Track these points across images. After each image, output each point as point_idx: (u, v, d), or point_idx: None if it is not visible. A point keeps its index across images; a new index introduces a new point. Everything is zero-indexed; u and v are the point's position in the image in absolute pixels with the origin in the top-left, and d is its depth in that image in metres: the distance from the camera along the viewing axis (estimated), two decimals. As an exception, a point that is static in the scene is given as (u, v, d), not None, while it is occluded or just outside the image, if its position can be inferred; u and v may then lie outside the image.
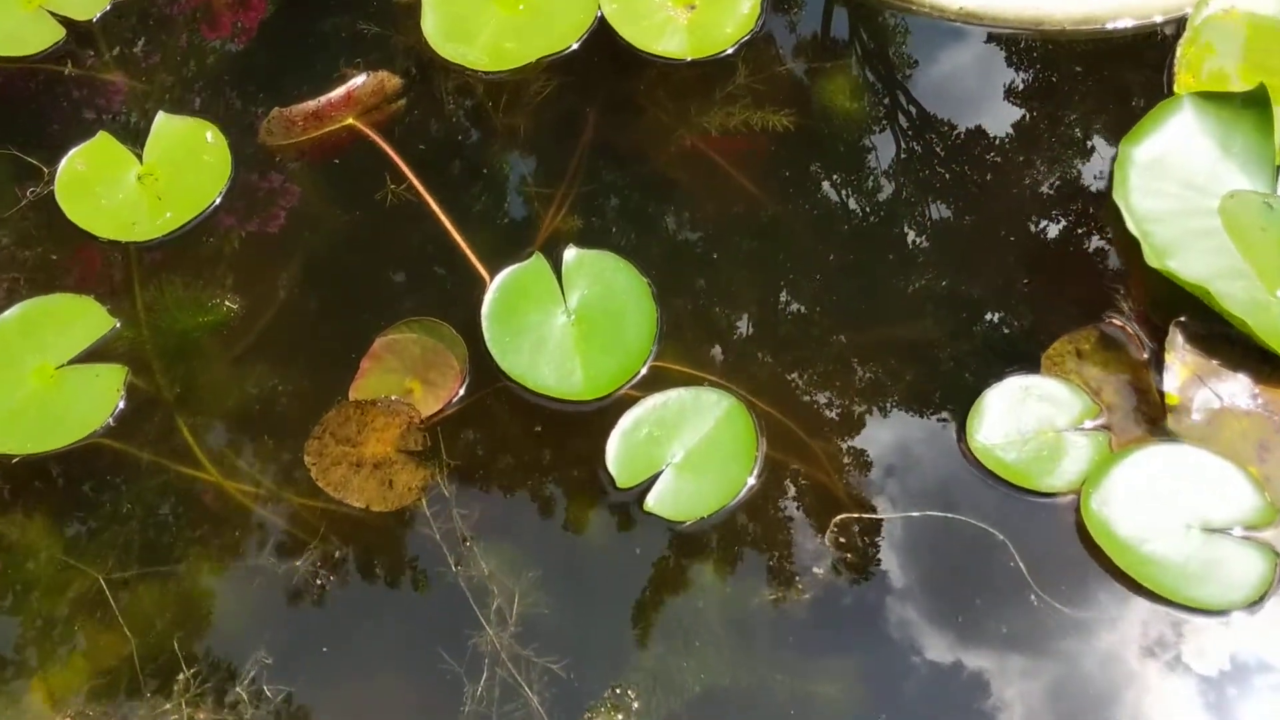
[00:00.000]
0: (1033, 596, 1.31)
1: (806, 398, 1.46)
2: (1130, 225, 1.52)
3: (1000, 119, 1.68)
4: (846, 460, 1.41)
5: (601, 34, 1.74)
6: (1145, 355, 1.45)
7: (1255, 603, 1.29)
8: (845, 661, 1.32)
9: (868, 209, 1.63)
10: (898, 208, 1.62)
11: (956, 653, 1.32)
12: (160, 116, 1.70)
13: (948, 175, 1.64)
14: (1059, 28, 1.73)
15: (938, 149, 1.67)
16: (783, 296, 1.56)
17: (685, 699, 1.27)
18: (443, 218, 1.60)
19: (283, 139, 1.69)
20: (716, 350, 1.50)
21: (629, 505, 1.37)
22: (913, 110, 1.70)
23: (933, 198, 1.63)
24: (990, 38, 1.75)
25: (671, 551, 1.36)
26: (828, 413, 1.45)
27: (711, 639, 1.31)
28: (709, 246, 1.61)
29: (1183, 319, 1.46)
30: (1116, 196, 1.54)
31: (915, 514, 1.37)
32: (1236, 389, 1.43)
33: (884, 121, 1.69)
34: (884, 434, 1.44)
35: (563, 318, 1.49)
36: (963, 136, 1.68)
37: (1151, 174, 1.57)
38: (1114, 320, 1.48)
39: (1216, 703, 1.26)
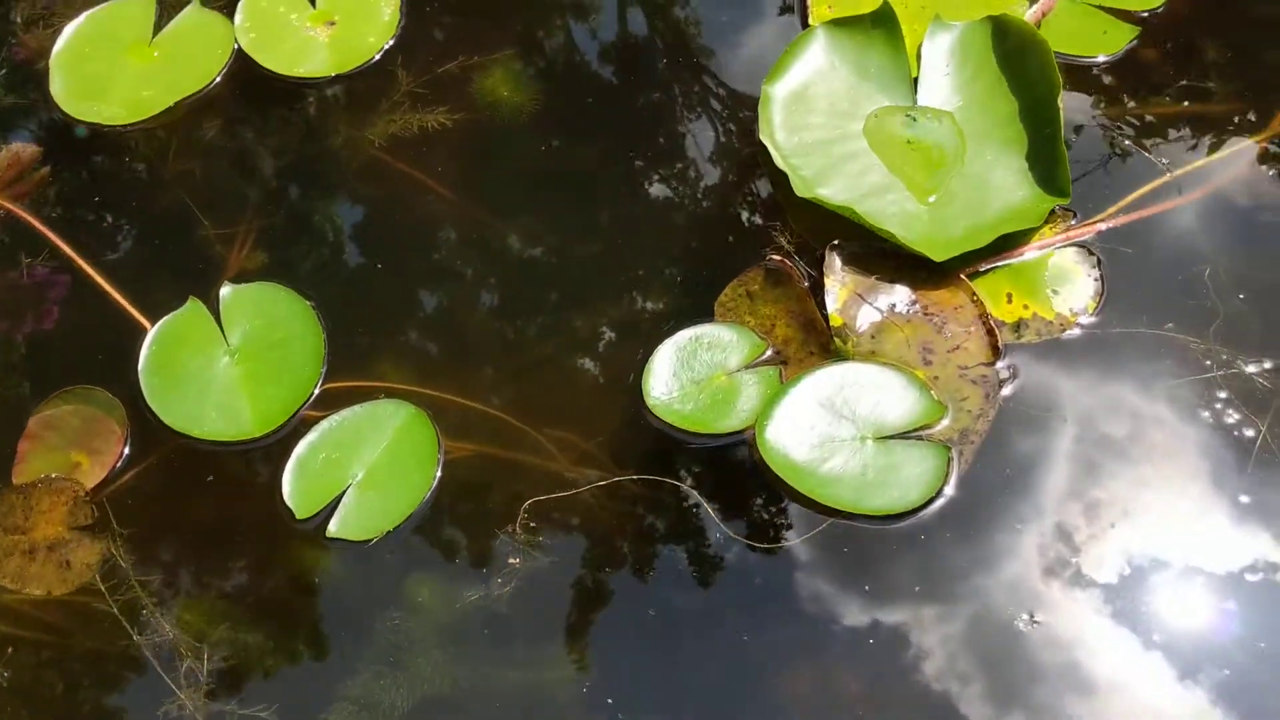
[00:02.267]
0: (719, 536, 1.32)
1: (489, 389, 1.44)
2: (778, 160, 1.55)
3: (652, 82, 1.70)
4: (533, 444, 1.40)
5: (242, 66, 1.70)
6: (806, 284, 1.48)
7: (932, 498, 1.32)
8: (564, 643, 1.31)
9: (541, 192, 1.63)
10: (566, 188, 1.61)
11: (663, 608, 1.31)
12: None
13: (610, 147, 1.65)
14: (693, -17, 1.77)
15: (600, 123, 1.68)
16: (462, 293, 1.55)
17: (398, 715, 1.25)
18: (97, 278, 1.53)
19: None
20: (394, 359, 1.47)
21: (316, 535, 1.34)
22: (571, 90, 1.71)
23: (597, 169, 1.63)
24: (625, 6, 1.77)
25: (363, 573, 1.32)
26: (513, 401, 1.44)
27: (422, 650, 1.28)
28: (391, 255, 1.58)
29: (836, 242, 1.49)
30: (763, 136, 1.57)
31: (601, 482, 1.36)
32: (896, 300, 1.47)
33: (546, 104, 1.69)
34: (569, 412, 1.43)
35: (225, 358, 1.44)
36: (622, 105, 1.69)
37: (795, 108, 1.60)
38: (774, 256, 1.51)
39: (911, 599, 1.29)
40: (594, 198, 1.62)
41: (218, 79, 1.69)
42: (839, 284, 1.48)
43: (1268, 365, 1.38)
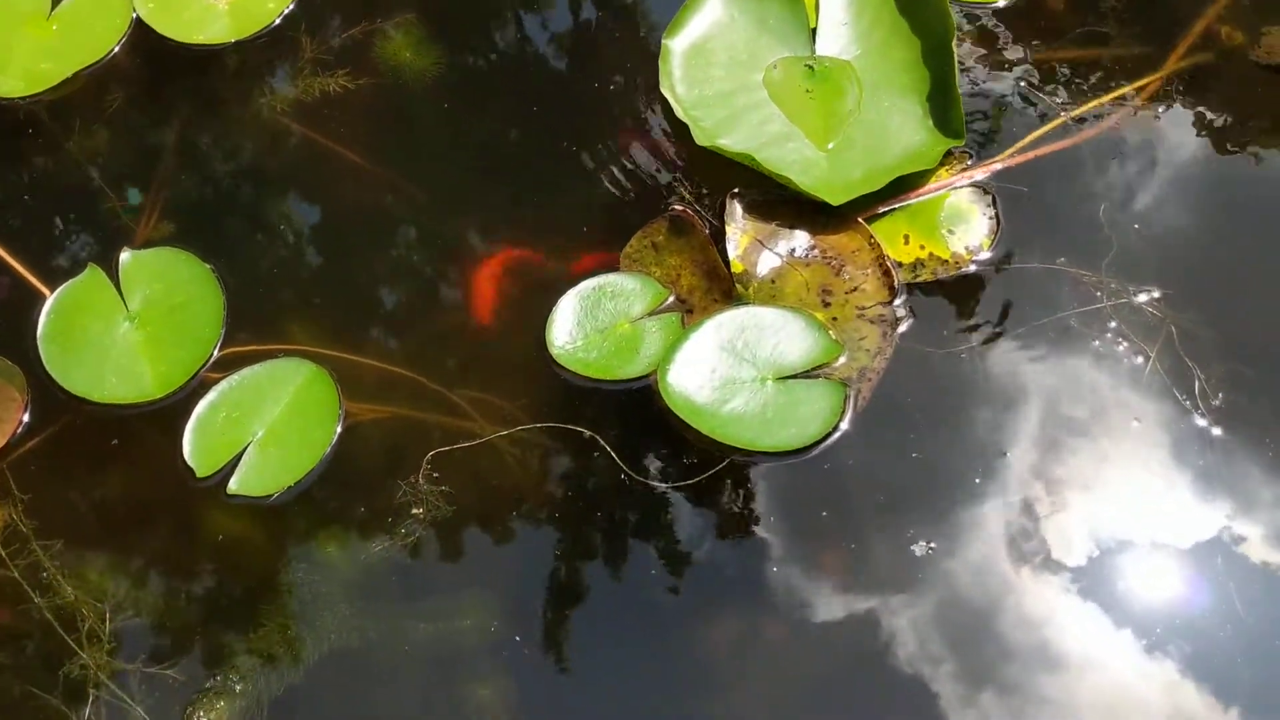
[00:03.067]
0: (625, 479, 1.33)
1: (393, 345, 1.45)
2: (679, 112, 1.56)
3: (552, 42, 1.70)
4: (436, 395, 1.41)
5: (141, 35, 1.68)
6: (708, 232, 1.49)
7: (830, 431, 1.34)
8: (475, 592, 1.31)
9: (447, 154, 1.62)
10: (474, 144, 1.61)
11: (571, 552, 1.32)
12: None
13: (515, 104, 1.65)
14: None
15: (504, 82, 1.68)
16: (368, 255, 1.54)
17: (305, 668, 1.25)
18: (-2, 251, 1.53)
19: None
20: (300, 321, 1.47)
21: (217, 493, 1.34)
22: (473, 52, 1.71)
23: (503, 127, 1.63)
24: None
25: (266, 529, 1.32)
26: (417, 356, 1.44)
27: (328, 604, 1.29)
28: (299, 220, 1.57)
29: (737, 190, 1.51)
30: (664, 88, 1.58)
31: (504, 431, 1.37)
32: (795, 244, 1.49)
33: (448, 66, 1.69)
34: (476, 367, 1.43)
35: (125, 324, 1.43)
36: (528, 65, 1.69)
37: (695, 61, 1.61)
38: (678, 207, 1.52)
39: (814, 531, 1.31)
40: (499, 156, 1.61)
41: (116, 49, 1.68)
42: (740, 231, 1.49)
43: (1157, 295, 1.40)
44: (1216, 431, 1.32)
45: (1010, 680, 1.23)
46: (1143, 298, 1.40)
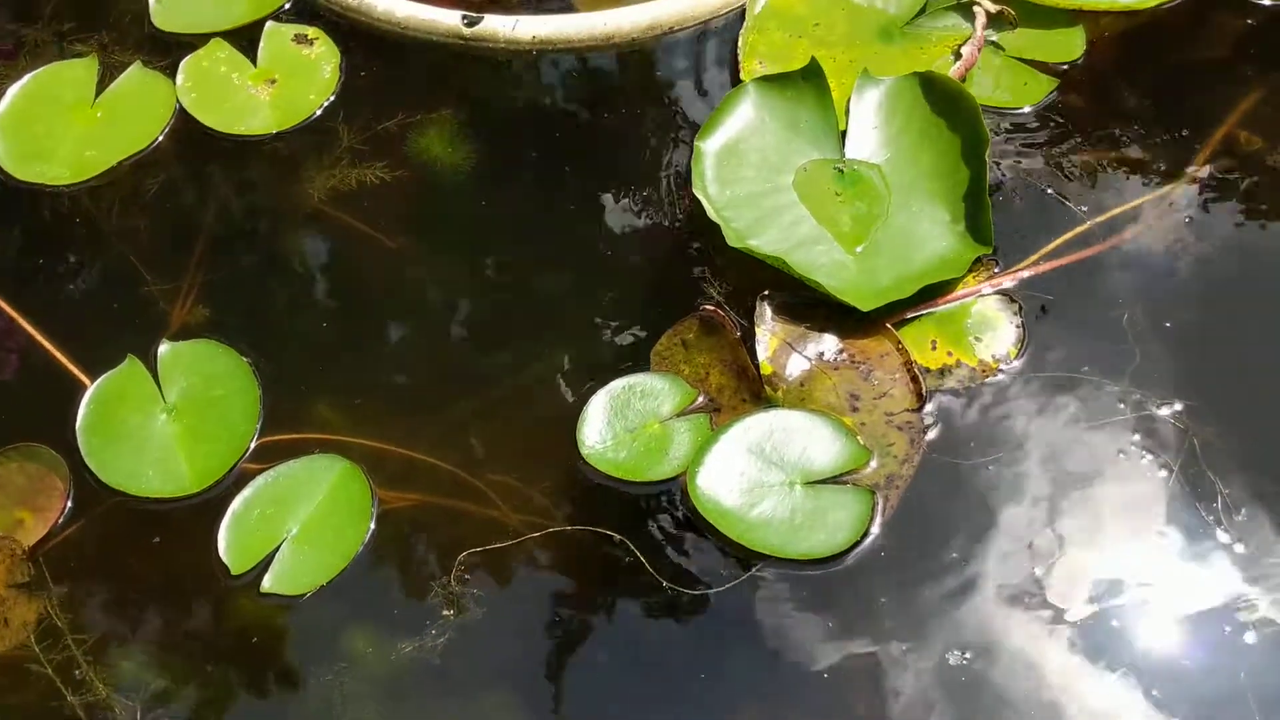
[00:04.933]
0: (652, 582, 1.34)
1: (428, 439, 1.46)
2: (711, 213, 1.59)
3: (587, 140, 1.74)
4: (468, 496, 1.42)
5: (184, 125, 1.73)
6: (738, 333, 1.51)
7: (859, 540, 1.35)
8: (503, 694, 1.32)
9: (481, 249, 1.65)
10: (505, 243, 1.64)
11: (602, 657, 1.34)
12: None
13: (548, 202, 1.68)
14: (629, 39, 1.81)
15: (536, 179, 1.71)
16: (401, 346, 1.57)
17: (333, 770, 1.26)
18: (38, 336, 1.54)
19: None
20: (334, 411, 1.49)
21: (250, 591, 1.35)
22: (508, 148, 1.74)
23: (537, 226, 1.66)
24: (564, 60, 1.81)
25: (298, 628, 1.33)
26: (449, 452, 1.46)
27: (357, 704, 1.30)
28: (333, 309, 1.61)
29: (767, 292, 1.53)
30: (696, 189, 1.61)
31: (536, 534, 1.38)
32: (824, 348, 1.51)
33: (483, 160, 1.72)
34: (506, 465, 1.44)
35: (162, 416, 1.46)
36: (559, 162, 1.73)
37: (727, 162, 1.64)
38: (708, 306, 1.54)
39: (840, 635, 1.31)
40: (533, 253, 1.64)
41: (160, 138, 1.72)
42: (769, 333, 1.51)
43: (1178, 407, 1.42)
44: (1239, 549, 1.33)
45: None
46: (1164, 410, 1.42)
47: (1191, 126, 1.69)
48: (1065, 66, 1.73)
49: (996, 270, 1.54)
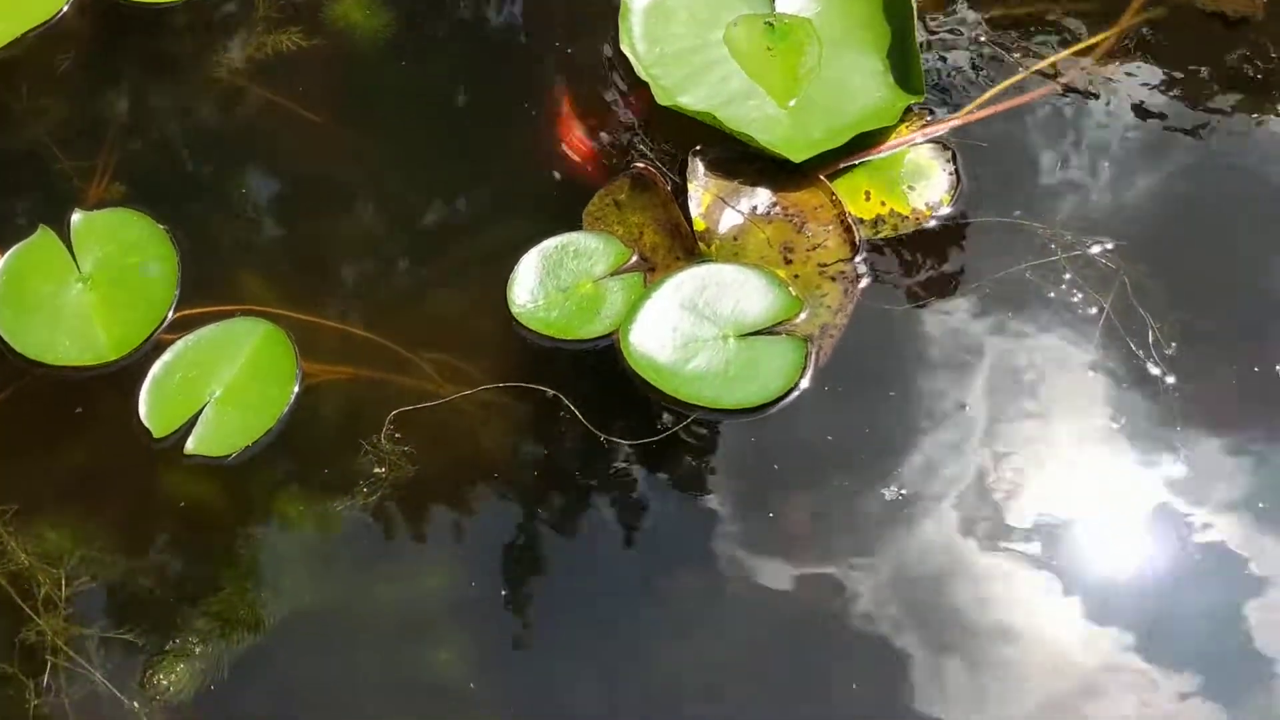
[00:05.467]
0: (588, 437, 1.33)
1: (354, 311, 1.43)
2: (639, 71, 1.55)
3: (508, 3, 1.69)
4: (398, 356, 1.39)
5: (92, -7, 1.67)
6: (671, 190, 1.49)
7: (793, 388, 1.35)
8: (439, 550, 1.31)
9: (404, 114, 1.60)
10: (429, 108, 1.60)
11: (541, 513, 1.32)
12: None
13: (472, 59, 1.63)
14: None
15: (456, 37, 1.65)
16: (325, 216, 1.52)
17: (265, 629, 1.24)
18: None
19: None
20: (257, 282, 1.45)
21: (174, 454, 1.32)
22: (427, 12, 1.69)
23: (461, 91, 1.62)
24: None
25: (223, 490, 1.31)
26: (379, 321, 1.42)
27: (288, 566, 1.28)
28: (253, 179, 1.55)
29: (699, 148, 1.50)
30: (624, 47, 1.57)
31: (468, 390, 1.36)
32: (757, 202, 1.49)
33: (402, 25, 1.67)
34: (439, 328, 1.42)
35: (78, 285, 1.41)
36: (480, 26, 1.67)
37: (655, 19, 1.60)
38: (640, 165, 1.51)
39: (774, 484, 1.31)
40: (458, 117, 1.60)
41: (66, 8, 1.65)
42: (702, 189, 1.48)
43: (1109, 246, 1.42)
44: (1170, 379, 1.34)
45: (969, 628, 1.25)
46: (1096, 249, 1.42)
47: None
48: (1000, -81, 1.70)
49: (930, 120, 1.53)
